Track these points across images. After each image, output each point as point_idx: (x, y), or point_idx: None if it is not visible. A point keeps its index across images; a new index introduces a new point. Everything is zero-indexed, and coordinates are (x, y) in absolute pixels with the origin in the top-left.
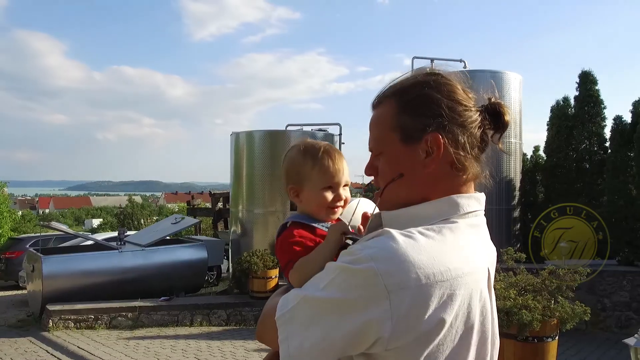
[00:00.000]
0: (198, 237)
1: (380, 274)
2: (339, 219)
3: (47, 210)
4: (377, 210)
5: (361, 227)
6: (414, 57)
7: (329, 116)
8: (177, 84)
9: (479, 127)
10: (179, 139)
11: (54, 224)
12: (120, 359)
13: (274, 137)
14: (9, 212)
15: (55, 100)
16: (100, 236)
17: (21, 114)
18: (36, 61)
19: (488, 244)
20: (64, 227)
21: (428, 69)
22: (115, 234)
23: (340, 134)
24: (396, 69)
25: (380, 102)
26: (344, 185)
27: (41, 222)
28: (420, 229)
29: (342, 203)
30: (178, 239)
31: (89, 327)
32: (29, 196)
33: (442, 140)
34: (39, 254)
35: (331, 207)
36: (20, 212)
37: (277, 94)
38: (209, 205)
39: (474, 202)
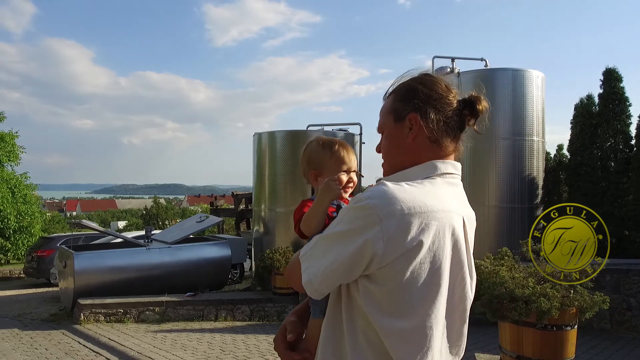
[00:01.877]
0: (222, 235)
1: (374, 207)
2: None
3: (74, 213)
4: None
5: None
6: (435, 57)
7: (350, 118)
8: (199, 88)
9: (454, 112)
10: (201, 143)
11: (84, 221)
12: (149, 349)
13: (295, 137)
14: (40, 213)
15: (82, 106)
16: (128, 235)
17: (50, 120)
18: (65, 68)
19: (464, 203)
20: (93, 225)
21: (423, 71)
22: (141, 233)
23: (360, 134)
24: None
25: (388, 96)
26: (353, 171)
27: (72, 221)
28: (407, 182)
29: (352, 184)
30: (202, 237)
31: (118, 321)
32: (57, 199)
33: (418, 119)
34: (70, 250)
35: (344, 187)
36: (48, 214)
37: (297, 97)
38: (231, 206)
39: (450, 166)
